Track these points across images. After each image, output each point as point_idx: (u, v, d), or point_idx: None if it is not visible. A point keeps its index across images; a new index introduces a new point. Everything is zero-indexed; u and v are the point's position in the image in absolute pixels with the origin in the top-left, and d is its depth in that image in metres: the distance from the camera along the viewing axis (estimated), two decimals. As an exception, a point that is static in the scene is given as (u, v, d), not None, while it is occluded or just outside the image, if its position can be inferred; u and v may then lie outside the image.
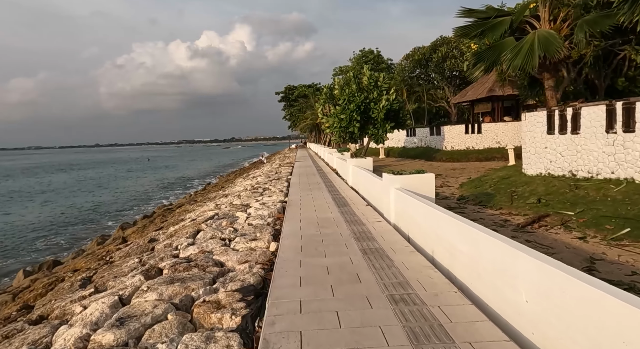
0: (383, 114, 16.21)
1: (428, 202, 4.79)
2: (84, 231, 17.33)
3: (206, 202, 13.79)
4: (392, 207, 6.16)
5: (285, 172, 18.73)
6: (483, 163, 17.66)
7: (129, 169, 59.41)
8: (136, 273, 5.15)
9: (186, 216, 10.45)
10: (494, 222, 6.33)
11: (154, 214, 18.78)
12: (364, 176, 9.04)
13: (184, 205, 17.41)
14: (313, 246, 4.81)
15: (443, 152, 20.98)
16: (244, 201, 10.48)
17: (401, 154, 25.65)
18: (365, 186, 8.72)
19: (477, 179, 11.22)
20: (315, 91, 50.71)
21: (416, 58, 25.52)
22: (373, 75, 16.98)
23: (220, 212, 9.07)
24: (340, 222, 6.20)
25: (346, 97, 16.40)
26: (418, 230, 4.88)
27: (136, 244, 7.95)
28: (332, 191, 10.11)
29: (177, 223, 9.53)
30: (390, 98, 16.40)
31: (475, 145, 20.02)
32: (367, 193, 8.44)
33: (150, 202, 24.43)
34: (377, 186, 7.28)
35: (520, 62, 7.94)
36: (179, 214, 12.87)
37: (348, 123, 16.62)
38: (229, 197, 12.08)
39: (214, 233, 6.87)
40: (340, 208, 7.43)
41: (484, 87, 20.03)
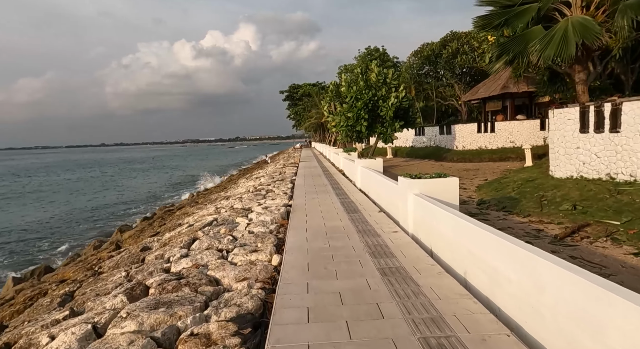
0: (392, 112, 15.47)
1: (455, 212, 4.08)
2: (87, 232, 16.95)
3: (207, 205, 13.17)
4: (410, 215, 5.46)
5: (290, 172, 18.07)
6: (497, 163, 16.85)
7: (133, 169, 59.26)
8: (120, 291, 4.52)
9: (184, 220, 9.83)
10: (525, 232, 5.61)
11: (154, 216, 18.28)
12: (375, 179, 8.34)
13: (185, 207, 16.83)
14: (322, 264, 4.12)
15: (454, 152, 20.15)
16: (245, 204, 9.83)
17: (409, 154, 24.83)
18: (377, 189, 8.02)
19: (495, 181, 10.47)
20: (320, 90, 50.02)
21: (425, 54, 24.63)
22: (381, 71, 16.24)
23: (220, 217, 8.42)
24: (351, 232, 5.50)
25: (353, 94, 15.68)
26: (444, 245, 4.18)
27: (128, 253, 7.32)
28: (340, 195, 9.42)
29: (173, 229, 8.90)
30: (400, 95, 15.66)
31: (488, 144, 19.16)
32: (379, 197, 7.74)
33: (154, 202, 24.24)
34: (391, 190, 6.57)
35: (553, 52, 7.15)
36: (178, 217, 12.26)
37: (355, 121, 15.91)
38: (230, 200, 11.45)
39: (211, 243, 6.21)
40: (350, 215, 6.74)
41: (496, 84, 19.18)
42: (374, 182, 8.57)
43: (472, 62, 22.39)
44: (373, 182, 8.64)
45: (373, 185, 8.67)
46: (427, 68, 25.75)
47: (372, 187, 8.75)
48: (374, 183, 8.56)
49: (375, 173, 8.71)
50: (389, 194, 6.73)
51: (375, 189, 8.25)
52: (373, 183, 8.66)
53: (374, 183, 8.56)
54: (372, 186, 8.85)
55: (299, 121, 60.10)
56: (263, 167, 29.30)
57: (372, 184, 8.76)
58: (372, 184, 8.85)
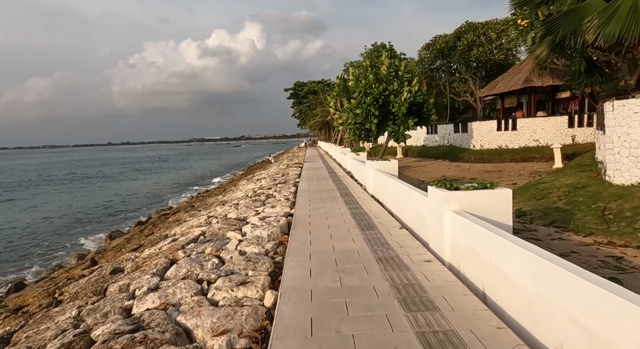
0: (405, 108, 14.10)
1: (535, 248, 2.75)
2: (82, 235, 16.39)
3: (200, 211, 11.94)
4: (446, 238, 4.14)
5: (293, 174, 16.80)
6: (520, 164, 15.41)
7: (139, 169, 58.76)
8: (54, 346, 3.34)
9: (171, 231, 8.58)
10: (599, 260, 4.25)
11: (149, 221, 17.27)
12: (392, 186, 7.01)
13: (180, 212, 15.66)
14: (332, 322, 2.81)
15: (471, 152, 18.66)
16: (241, 213, 8.57)
17: (421, 154, 23.33)
18: (396, 199, 6.68)
19: (530, 186, 9.07)
20: (325, 87, 48.70)
21: (438, 47, 23.09)
22: (393, 63, 14.87)
23: (209, 230, 7.15)
24: (369, 260, 4.19)
25: (362, 89, 14.32)
26: (511, 293, 2.85)
27: (97, 275, 6.08)
28: (350, 203, 8.11)
29: (156, 243, 7.65)
30: (413, 89, 14.26)
31: (509, 143, 17.65)
32: (399, 209, 6.41)
33: (153, 204, 23.76)
34: (417, 202, 5.25)
35: (619, 28, 5.75)
36: (168, 225, 11.04)
37: (364, 119, 14.55)
38: (225, 207, 10.20)
39: (191, 268, 4.95)
40: (364, 232, 5.42)
41: (517, 77, 17.67)
42: (390, 189, 7.25)
43: (489, 54, 20.85)
44: (389, 188, 7.32)
45: (389, 192, 7.35)
46: (440, 62, 24.22)
47: (389, 194, 7.42)
48: (390, 190, 7.24)
49: (391, 178, 7.39)
50: (414, 208, 5.40)
51: (393, 198, 6.92)
52: (389, 190, 7.33)
53: (390, 190, 7.24)
54: (387, 193, 7.52)
55: (304, 120, 58.81)
56: (266, 168, 28.07)
57: (389, 191, 7.44)
58: (387, 191, 7.53)
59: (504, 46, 20.80)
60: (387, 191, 7.57)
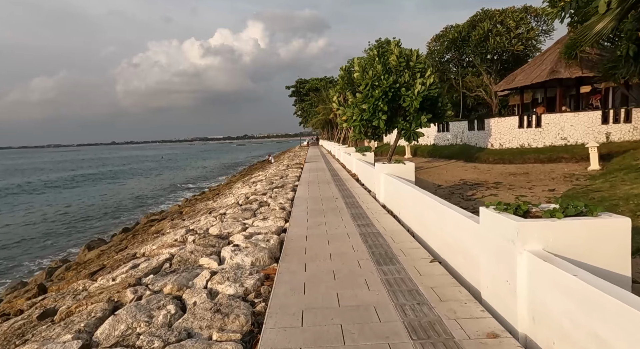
0: (418, 102, 12.46)
1: None
2: (69, 238, 15.64)
3: (184, 221, 10.40)
4: (521, 295, 2.57)
5: (293, 176, 15.25)
6: (547, 166, 13.73)
7: (141, 168, 57.69)
8: None
9: (141, 250, 7.03)
10: None
11: (135, 227, 15.86)
12: (414, 198, 5.40)
13: (166, 219, 14.16)
14: None
15: (489, 152, 16.93)
16: (225, 227, 7.03)
17: (432, 153, 21.58)
18: (420, 215, 5.07)
19: (579, 196, 7.44)
20: (328, 83, 47.11)
21: (450, 37, 21.27)
22: (403, 52, 13.23)
23: (180, 254, 5.61)
24: (396, 333, 2.60)
25: (369, 81, 12.69)
26: None
27: (20, 322, 4.55)
28: (357, 217, 6.52)
29: (117, 267, 6.12)
30: (427, 82, 12.62)
31: (532, 142, 15.92)
32: (424, 230, 4.82)
33: (147, 206, 22.36)
34: (456, 226, 3.66)
35: None
36: (143, 240, 9.52)
37: (371, 115, 12.92)
38: (209, 217, 8.65)
39: (133, 324, 3.46)
40: (382, 269, 3.84)
41: (540, 69, 15.96)
42: (409, 200, 5.66)
43: (507, 44, 19.08)
44: (408, 200, 5.74)
45: (408, 204, 5.76)
46: (450, 55, 22.42)
47: (407, 207, 5.83)
48: (409, 202, 5.66)
49: (411, 187, 5.79)
50: (452, 234, 3.81)
51: (416, 214, 5.32)
52: (408, 201, 5.75)
53: (409, 202, 5.66)
54: (406, 206, 5.93)
55: (306, 118, 57.21)
56: (265, 168, 26.54)
57: (407, 203, 5.85)
58: (406, 203, 5.94)
59: (523, 36, 19.08)
60: (405, 202, 5.98)
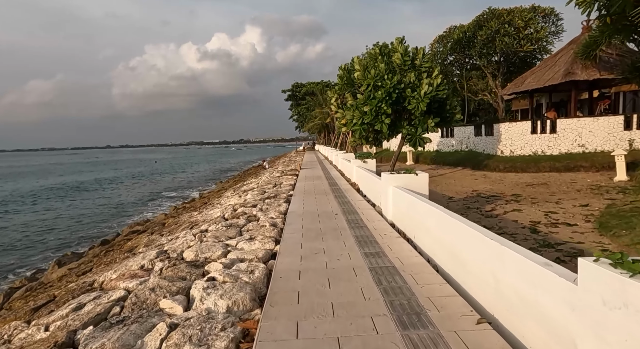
0: (425, 104, 11.32)
1: None
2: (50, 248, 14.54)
3: (161, 237, 9.09)
4: None
5: (287, 184, 14.02)
6: (565, 175, 12.61)
7: (134, 173, 56.14)
8: None
9: (100, 277, 5.72)
10: None
11: (115, 240, 14.52)
12: (441, 221, 4.18)
13: (146, 231, 12.83)
14: None
15: (498, 159, 15.80)
16: (203, 249, 5.79)
17: (435, 160, 20.42)
18: (450, 246, 3.84)
19: (622, 216, 6.30)
20: (325, 87, 46.07)
21: (455, 37, 20.22)
22: (408, 50, 12.12)
23: (137, 291, 4.35)
24: None
25: (371, 81, 11.54)
26: None
27: None
28: (364, 241, 5.28)
29: (68, 300, 4.83)
30: (435, 82, 11.51)
31: (546, 149, 14.82)
32: (463, 271, 3.58)
33: (132, 216, 21.01)
34: (542, 284, 2.45)
35: None
36: (111, 260, 8.19)
37: (374, 118, 11.76)
38: (188, 235, 7.37)
39: None
40: (408, 335, 2.61)
41: (553, 71, 14.93)
42: (432, 224, 4.45)
43: (515, 45, 18.07)
44: (430, 224, 4.52)
45: (430, 228, 4.55)
46: (453, 58, 21.35)
47: (430, 233, 4.60)
48: (433, 227, 4.44)
49: (432, 207, 4.58)
50: (531, 295, 2.59)
51: (446, 246, 4.09)
52: (430, 226, 4.54)
53: (433, 227, 4.44)
54: (427, 231, 4.71)
55: (302, 122, 56.09)
56: (259, 174, 25.27)
57: (428, 226, 4.64)
58: (426, 226, 4.72)
59: (532, 36, 18.11)
60: (424, 225, 4.77)
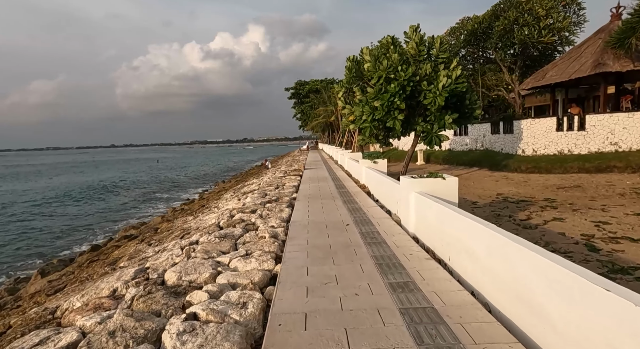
0: (442, 99, 10.21)
1: None
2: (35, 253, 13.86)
3: (149, 247, 8.07)
4: None
5: (290, 186, 12.97)
6: (598, 177, 11.45)
7: (136, 171, 55.53)
8: None
9: (65, 302, 4.68)
10: None
11: (107, 245, 13.60)
12: (504, 249, 3.08)
13: (137, 238, 11.83)
14: None
15: (519, 159, 14.62)
16: (189, 269, 4.78)
17: (447, 160, 19.27)
18: (520, 285, 2.70)
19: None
20: (329, 84, 44.92)
21: (470, 28, 18.99)
22: (424, 39, 10.99)
23: (93, 337, 3.27)
24: None
25: (383, 73, 10.44)
26: None
27: None
28: (388, 267, 4.19)
29: (17, 337, 3.79)
30: (453, 75, 10.38)
31: (574, 148, 13.66)
32: (551, 330, 2.48)
33: (128, 219, 20.13)
34: None
35: None
36: (86, 278, 7.17)
37: (385, 114, 10.67)
38: (175, 249, 6.31)
39: None
40: None
41: (578, 62, 13.74)
42: (481, 249, 3.36)
43: (536, 36, 16.84)
44: (478, 247, 3.42)
45: (477, 251, 3.46)
46: (468, 49, 20.10)
47: (479, 260, 3.49)
48: (482, 253, 3.34)
49: (470, 220, 3.50)
50: None
51: (511, 283, 2.98)
52: (477, 250, 3.44)
53: (482, 253, 3.34)
54: (470, 255, 3.61)
55: (306, 121, 54.99)
56: (261, 174, 24.23)
57: (474, 250, 3.54)
58: (470, 249, 3.63)
59: (554, 26, 16.90)
60: (465, 245, 3.68)
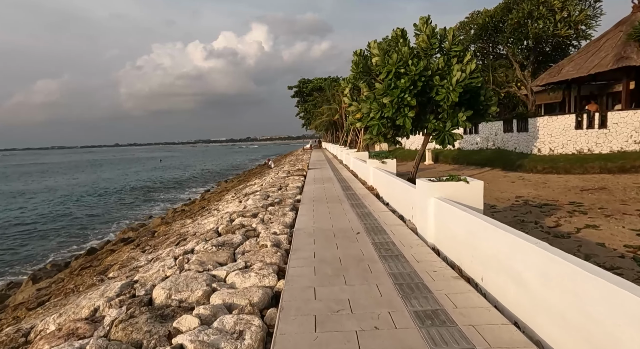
0: (456, 95, 9.54)
1: None
2: None
3: (143, 254, 7.49)
4: None
5: (294, 187, 12.36)
6: (622, 177, 10.74)
7: (138, 171, 55.32)
8: None
9: (40, 323, 4.10)
10: None
11: (105, 246, 13.16)
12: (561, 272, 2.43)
13: (135, 241, 11.29)
14: None
15: (535, 158, 13.90)
16: (180, 286, 4.21)
17: (457, 159, 18.53)
18: (592, 322, 1.96)
19: None
20: (333, 82, 44.19)
21: (480, 22, 18.22)
22: (436, 31, 10.32)
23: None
24: None
25: (392, 67, 9.78)
26: None
27: None
28: (409, 287, 3.54)
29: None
30: (467, 69, 9.71)
31: (594, 147, 12.92)
32: None
33: (130, 217, 19.85)
34: None
35: None
36: (72, 290, 6.60)
37: (395, 111, 10.02)
38: (168, 259, 5.72)
39: None
40: None
41: (598, 56, 13.01)
42: (528, 272, 2.69)
43: (552, 30, 16.05)
44: (526, 272, 2.73)
45: (521, 272, 2.77)
46: (477, 45, 19.32)
47: (521, 283, 2.80)
48: (529, 278, 2.68)
49: (512, 236, 2.86)
50: None
51: (568, 322, 2.31)
52: (522, 273, 2.77)
53: (529, 278, 2.68)
54: (511, 276, 2.91)
55: (309, 119, 54.30)
56: (264, 174, 23.65)
57: (515, 271, 2.87)
58: (508, 268, 2.95)
59: (570, 19, 16.13)
60: (504, 265, 3.02)
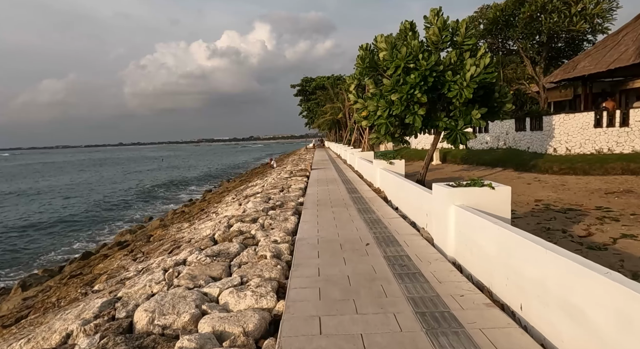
0: (470, 91, 8.92)
1: None
2: None
3: (133, 263, 6.95)
4: None
5: (296, 189, 11.79)
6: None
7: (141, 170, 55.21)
8: None
9: (18, 346, 3.55)
10: None
11: (100, 250, 12.67)
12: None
13: (130, 246, 10.76)
14: None
15: (550, 158, 13.23)
16: (166, 307, 3.64)
17: (466, 159, 17.85)
18: None
19: None
20: (336, 80, 43.58)
21: (490, 16, 17.52)
22: (448, 23, 9.69)
23: None
24: None
25: (401, 62, 9.17)
26: None
27: None
28: (432, 317, 2.92)
29: None
30: (481, 63, 9.08)
31: (615, 146, 12.23)
32: None
33: (133, 215, 19.93)
34: None
35: None
36: (54, 303, 6.07)
37: (404, 108, 9.41)
38: (157, 271, 5.16)
39: None
40: None
41: (617, 51, 12.31)
42: (597, 315, 2.12)
43: (567, 23, 15.34)
44: (599, 310, 2.16)
45: (585, 314, 2.21)
46: (487, 40, 18.60)
47: (585, 325, 2.24)
48: (600, 323, 2.10)
49: (572, 263, 2.28)
50: None
51: None
52: (586, 312, 2.20)
53: (600, 323, 2.10)
54: (566, 312, 2.33)
55: (312, 118, 53.70)
56: (265, 175, 23.10)
57: (578, 309, 2.28)
58: (564, 301, 2.36)
59: (586, 12, 15.42)
60: (557, 296, 2.41)
